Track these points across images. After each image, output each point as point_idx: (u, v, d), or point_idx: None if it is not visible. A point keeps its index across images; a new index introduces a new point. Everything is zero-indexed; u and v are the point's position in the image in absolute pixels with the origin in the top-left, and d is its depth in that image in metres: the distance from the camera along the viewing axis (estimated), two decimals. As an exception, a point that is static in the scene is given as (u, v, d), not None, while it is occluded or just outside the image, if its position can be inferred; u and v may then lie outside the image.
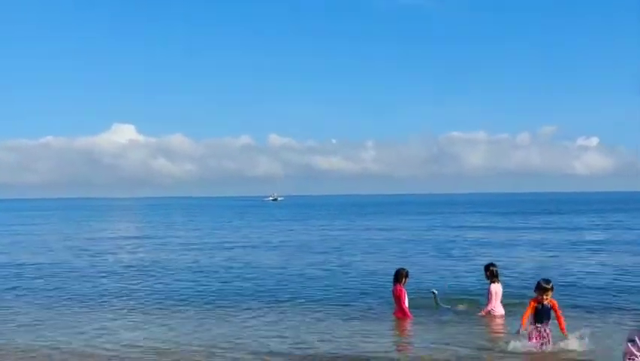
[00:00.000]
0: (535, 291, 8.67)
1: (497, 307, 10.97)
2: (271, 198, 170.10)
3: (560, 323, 8.74)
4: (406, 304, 10.88)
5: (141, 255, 23.21)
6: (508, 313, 10.84)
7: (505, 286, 11.55)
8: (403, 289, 10.89)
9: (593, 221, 44.75)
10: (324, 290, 14.20)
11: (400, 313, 10.82)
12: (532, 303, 8.66)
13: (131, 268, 18.78)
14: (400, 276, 11.00)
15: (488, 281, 11.14)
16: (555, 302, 8.65)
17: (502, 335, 9.73)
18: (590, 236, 30.19)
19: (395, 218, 55.71)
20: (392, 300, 11.16)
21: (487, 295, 11.06)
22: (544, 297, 8.52)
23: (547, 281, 8.64)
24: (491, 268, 11.05)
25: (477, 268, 16.31)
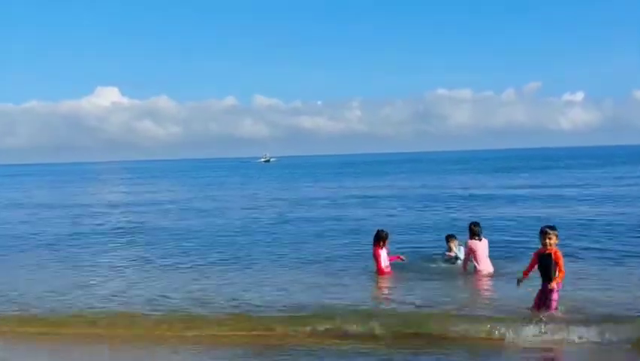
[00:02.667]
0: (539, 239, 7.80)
1: (483, 265, 10.98)
2: (263, 160, 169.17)
3: (560, 276, 7.62)
4: (383, 263, 11.03)
5: (150, 216, 23.77)
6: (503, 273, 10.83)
7: (500, 245, 12.15)
8: (380, 251, 11.05)
9: (581, 176, 44.97)
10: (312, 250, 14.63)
11: (381, 273, 11.04)
12: (534, 255, 7.88)
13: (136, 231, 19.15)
14: (378, 238, 11.19)
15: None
16: (558, 252, 7.68)
17: (488, 292, 9.84)
18: (580, 190, 30.26)
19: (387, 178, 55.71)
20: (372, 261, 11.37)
21: (465, 251, 11.35)
22: (547, 244, 7.59)
23: (551, 227, 7.71)
24: (472, 227, 11.20)
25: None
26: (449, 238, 12.39)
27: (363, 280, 10.94)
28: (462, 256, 11.88)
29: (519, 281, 8.17)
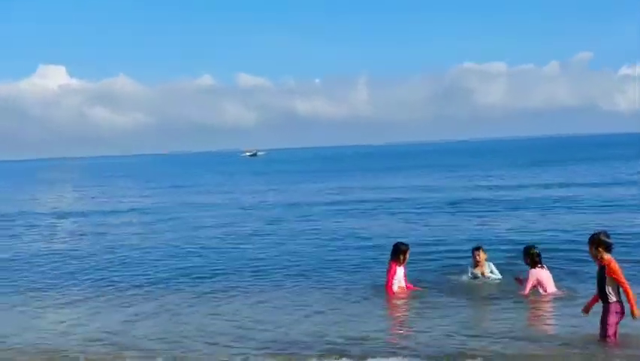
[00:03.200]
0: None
1: (551, 289, 11.46)
2: (248, 154, 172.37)
3: (627, 295, 7.89)
4: (396, 284, 11.36)
5: (86, 231, 23.55)
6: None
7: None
8: (395, 267, 11.32)
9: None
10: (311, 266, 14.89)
11: (390, 293, 11.36)
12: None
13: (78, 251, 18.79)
14: (398, 251, 11.47)
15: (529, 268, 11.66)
16: (613, 263, 7.89)
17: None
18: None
19: (396, 175, 55.74)
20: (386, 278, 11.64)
21: (525, 281, 11.49)
22: (595, 255, 7.97)
23: (596, 234, 7.96)
24: (531, 251, 11.52)
25: (502, 239, 17.25)
26: (476, 250, 12.78)
27: (373, 305, 11.14)
28: (491, 273, 12.55)
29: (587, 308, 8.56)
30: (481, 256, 12.72)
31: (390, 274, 11.39)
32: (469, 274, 12.76)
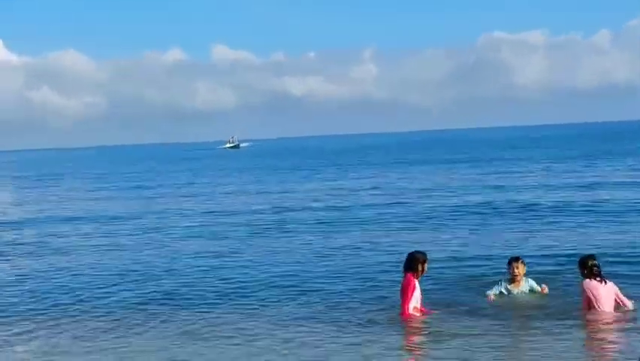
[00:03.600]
0: None
1: (608, 308, 11.78)
2: (229, 145, 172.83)
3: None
4: (413, 303, 11.74)
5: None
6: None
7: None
8: (414, 282, 11.68)
9: None
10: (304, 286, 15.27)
11: (405, 316, 11.70)
12: None
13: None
14: (414, 261, 11.79)
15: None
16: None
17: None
18: None
19: (412, 169, 56.44)
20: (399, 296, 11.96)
21: (582, 295, 11.87)
22: None
23: None
24: (588, 262, 11.80)
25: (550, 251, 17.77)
26: (514, 261, 13.25)
27: (382, 330, 11.40)
28: (530, 292, 13.08)
29: None
30: (520, 269, 13.09)
31: (408, 290, 11.72)
32: (503, 291, 13.08)
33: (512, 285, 13.09)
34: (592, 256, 12.06)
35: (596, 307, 11.65)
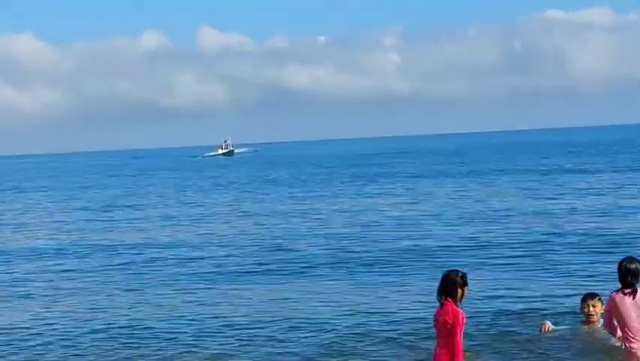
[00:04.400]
0: None
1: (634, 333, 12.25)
2: (221, 152, 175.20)
3: None
4: (461, 340, 11.63)
5: None
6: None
7: None
8: (458, 312, 11.58)
9: None
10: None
11: (446, 356, 11.55)
12: None
13: None
14: (451, 285, 11.63)
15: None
16: None
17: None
18: None
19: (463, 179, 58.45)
20: (434, 331, 11.96)
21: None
22: None
23: None
24: (624, 266, 12.07)
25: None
26: (590, 299, 13.88)
27: None
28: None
29: None
30: (597, 308, 13.52)
31: (457, 325, 11.55)
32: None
33: (587, 325, 13.60)
34: (631, 259, 12.23)
35: (626, 332, 12.08)
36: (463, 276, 11.65)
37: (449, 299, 11.53)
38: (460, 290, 11.55)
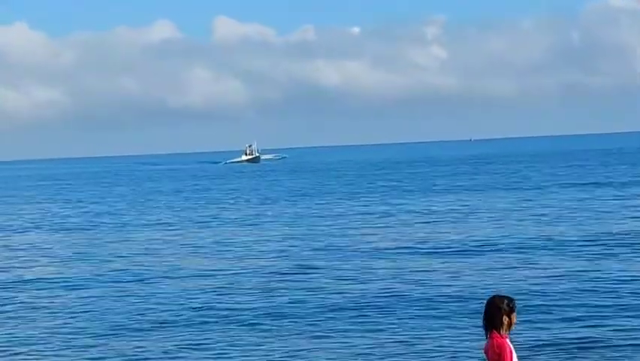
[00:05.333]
0: None
1: None
2: (245, 158, 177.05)
3: None
4: None
5: None
6: None
7: None
8: (506, 344, 11.57)
9: None
10: None
11: None
12: None
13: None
14: (495, 312, 11.63)
15: None
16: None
17: None
18: None
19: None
20: None
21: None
22: None
23: None
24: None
25: None
26: None
27: None
28: None
29: None
30: None
31: (505, 358, 11.47)
32: None
33: None
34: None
35: None
36: (510, 302, 11.59)
37: (494, 329, 11.50)
38: (506, 318, 11.43)
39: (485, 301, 11.88)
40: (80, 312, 25.98)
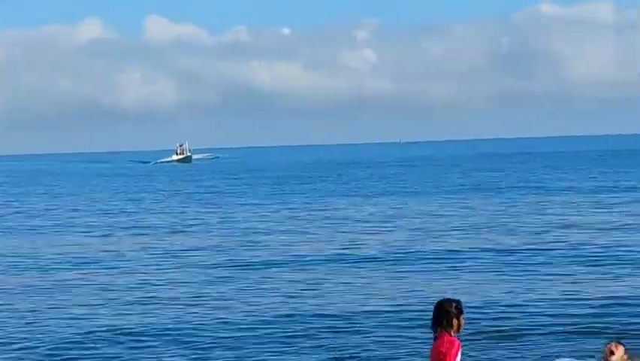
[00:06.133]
0: None
1: None
2: (176, 158, 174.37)
3: None
4: None
5: None
6: None
7: None
8: (454, 341, 11.75)
9: None
10: None
11: None
12: None
13: None
14: (444, 315, 11.85)
15: None
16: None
17: None
18: None
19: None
20: None
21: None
22: None
23: None
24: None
25: None
26: (615, 346, 14.08)
27: None
28: None
29: None
30: (618, 354, 13.87)
31: (451, 356, 11.63)
32: None
33: None
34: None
35: None
36: (458, 304, 11.78)
37: (443, 330, 11.69)
38: (455, 320, 11.69)
39: (435, 305, 12.13)
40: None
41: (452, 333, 11.74)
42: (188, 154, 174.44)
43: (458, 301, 11.92)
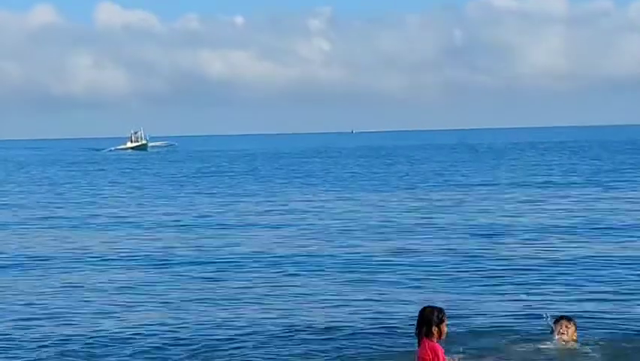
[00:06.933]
0: None
1: None
2: (130, 145, 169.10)
3: None
4: None
5: None
6: None
7: None
8: (438, 347, 11.94)
9: None
10: None
11: None
12: None
13: None
14: (426, 322, 12.06)
15: None
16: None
17: None
18: None
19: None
20: None
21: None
22: None
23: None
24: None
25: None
26: (565, 321, 14.57)
27: None
28: None
29: None
30: (570, 331, 14.28)
31: None
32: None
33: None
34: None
35: None
36: (440, 313, 12.14)
37: (426, 336, 12.04)
38: (435, 328, 12.04)
39: (420, 312, 12.29)
40: None
41: (434, 340, 12.05)
42: (144, 142, 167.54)
43: (440, 309, 12.18)
